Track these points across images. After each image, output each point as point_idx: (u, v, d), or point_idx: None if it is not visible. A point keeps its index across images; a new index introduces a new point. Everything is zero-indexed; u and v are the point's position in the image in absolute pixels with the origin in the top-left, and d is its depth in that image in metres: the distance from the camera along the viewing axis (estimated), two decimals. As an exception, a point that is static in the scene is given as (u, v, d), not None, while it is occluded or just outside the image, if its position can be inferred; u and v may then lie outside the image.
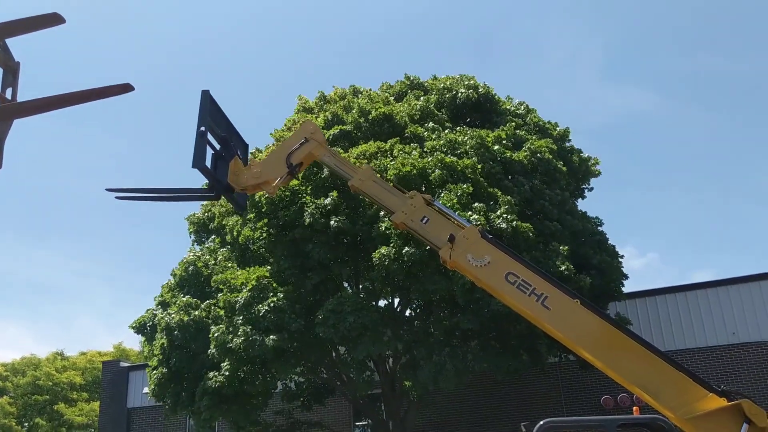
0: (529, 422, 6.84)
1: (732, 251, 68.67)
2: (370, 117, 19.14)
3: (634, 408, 7.72)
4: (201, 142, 7.72)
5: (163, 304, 20.63)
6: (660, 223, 72.54)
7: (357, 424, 24.84)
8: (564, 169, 18.70)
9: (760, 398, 19.03)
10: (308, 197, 16.82)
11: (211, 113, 7.97)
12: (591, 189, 21.53)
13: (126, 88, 4.79)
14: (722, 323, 21.55)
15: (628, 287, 20.41)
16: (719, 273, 78.26)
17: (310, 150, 8.24)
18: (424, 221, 7.78)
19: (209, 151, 8.11)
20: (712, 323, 21.68)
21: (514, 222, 15.55)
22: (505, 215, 15.53)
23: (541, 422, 6.75)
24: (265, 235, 17.62)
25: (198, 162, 7.65)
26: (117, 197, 8.37)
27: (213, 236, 21.33)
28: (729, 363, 21.00)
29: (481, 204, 15.79)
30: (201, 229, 21.76)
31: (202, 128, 7.75)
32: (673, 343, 21.49)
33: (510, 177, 17.64)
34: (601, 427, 6.99)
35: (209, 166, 7.97)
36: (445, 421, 23.26)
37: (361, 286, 18.53)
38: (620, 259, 19.73)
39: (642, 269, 69.25)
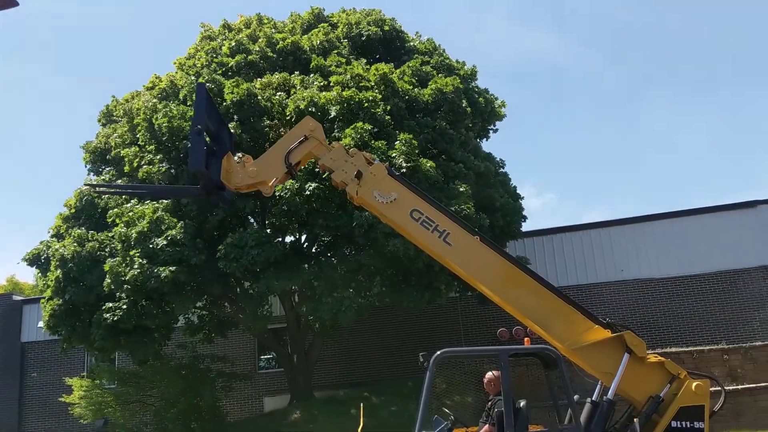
0: (428, 352, 7.07)
1: (624, 192, 72.20)
2: (278, 47, 18.66)
3: (526, 339, 8.11)
4: (198, 140, 7.37)
5: (58, 236, 19.84)
6: (559, 164, 75.17)
7: (261, 357, 25.04)
8: (469, 109, 18.79)
9: (642, 330, 20.43)
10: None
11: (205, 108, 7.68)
12: (496, 130, 21.77)
13: (10, 3, 4.53)
14: (612, 261, 22.83)
15: (526, 227, 21.24)
16: (612, 213, 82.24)
17: (309, 149, 7.98)
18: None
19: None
20: (602, 261, 22.94)
21: (414, 160, 15.65)
22: (404, 154, 15.60)
23: (438, 352, 6.98)
24: (164, 169, 17.12)
25: (196, 163, 7.36)
26: (96, 192, 8.01)
27: (110, 167, 20.45)
28: (616, 298, 22.38)
29: (382, 141, 15.81)
30: (98, 159, 20.80)
31: (199, 126, 7.40)
32: (566, 279, 22.63)
33: (415, 115, 17.67)
34: (494, 356, 7.31)
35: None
36: (349, 355, 23.78)
37: (267, 222, 18.40)
38: (521, 201, 20.40)
39: (540, 208, 71.89)
